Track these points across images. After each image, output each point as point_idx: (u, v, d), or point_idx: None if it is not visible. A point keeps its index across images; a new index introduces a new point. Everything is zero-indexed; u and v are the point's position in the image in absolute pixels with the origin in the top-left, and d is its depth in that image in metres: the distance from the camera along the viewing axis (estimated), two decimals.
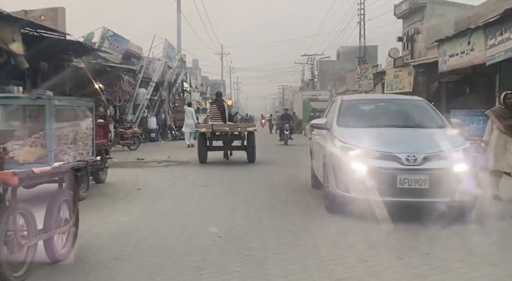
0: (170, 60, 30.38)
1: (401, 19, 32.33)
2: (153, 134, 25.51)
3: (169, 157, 16.11)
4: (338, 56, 61.30)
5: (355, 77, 44.83)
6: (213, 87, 62.83)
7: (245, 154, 14.00)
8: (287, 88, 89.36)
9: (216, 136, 13.74)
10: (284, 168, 12.72)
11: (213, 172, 12.00)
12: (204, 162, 13.65)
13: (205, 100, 50.96)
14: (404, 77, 25.57)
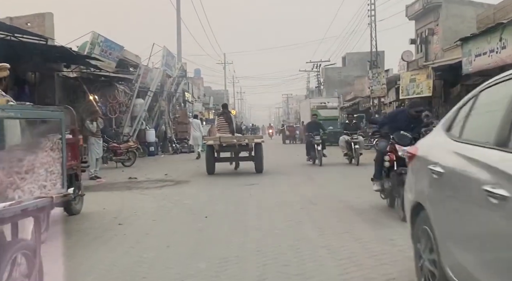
0: (169, 68, 28.50)
1: (413, 20, 30.37)
2: (152, 148, 23.49)
3: (167, 174, 14.08)
4: (344, 63, 59.39)
5: (364, 83, 42.86)
6: (216, 97, 61.00)
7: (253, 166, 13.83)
8: (291, 97, 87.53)
9: (224, 147, 13.65)
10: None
11: (216, 194, 9.94)
12: (212, 173, 13.66)
13: (208, 111, 49.05)
14: (421, 80, 23.53)
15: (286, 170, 14.80)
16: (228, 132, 13.78)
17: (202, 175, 14.12)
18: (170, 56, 28.58)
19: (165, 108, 25.84)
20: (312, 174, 13.58)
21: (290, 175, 13.35)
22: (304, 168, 15.63)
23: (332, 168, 15.40)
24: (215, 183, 12.06)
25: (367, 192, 8.53)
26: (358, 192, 9.31)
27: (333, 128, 31.81)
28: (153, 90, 23.91)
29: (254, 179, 12.71)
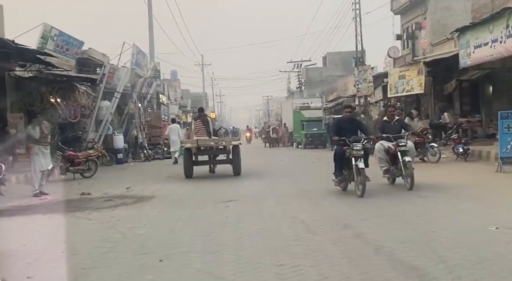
0: (140, 68, 26.05)
1: (399, 14, 28.58)
2: (120, 155, 21.01)
3: (129, 188, 11.73)
4: (325, 63, 57.60)
5: (348, 82, 40.99)
6: (194, 100, 58.55)
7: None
8: (271, 99, 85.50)
9: (201, 151, 13.56)
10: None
11: (182, 218, 7.65)
12: (190, 177, 13.45)
13: (186, 114, 46.61)
14: (412, 76, 21.65)
15: (271, 177, 12.68)
16: (206, 135, 13.73)
17: (171, 188, 11.87)
18: (141, 54, 26.14)
19: (135, 110, 23.37)
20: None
21: (275, 184, 11.22)
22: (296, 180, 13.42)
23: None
24: (185, 199, 9.77)
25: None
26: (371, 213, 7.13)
27: (317, 129, 29.85)
28: (120, 91, 21.46)
29: (233, 191, 10.49)
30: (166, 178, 14.28)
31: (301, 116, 30.53)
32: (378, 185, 9.86)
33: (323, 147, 29.59)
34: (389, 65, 28.40)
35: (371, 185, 8.98)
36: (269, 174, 14.30)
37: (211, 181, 13.49)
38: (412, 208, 7.48)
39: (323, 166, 16.23)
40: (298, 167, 16.35)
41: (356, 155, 8.98)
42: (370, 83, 25.54)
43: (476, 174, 12.00)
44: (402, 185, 9.54)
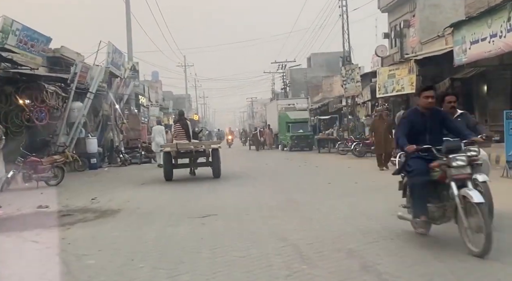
0: (117, 67, 24.52)
1: (386, 12, 27.54)
2: (94, 160, 19.46)
3: (94, 199, 10.28)
4: (309, 64, 56.57)
5: (333, 83, 39.93)
6: (176, 102, 57.00)
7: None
8: (256, 101, 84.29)
9: (181, 154, 13.48)
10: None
11: (148, 239, 6.26)
12: (170, 180, 13.40)
13: (168, 116, 45.02)
14: (402, 75, 20.52)
15: (255, 184, 11.35)
16: (185, 139, 13.73)
17: (143, 197, 10.49)
18: (117, 53, 24.61)
19: (110, 112, 21.80)
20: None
21: (260, 192, 9.89)
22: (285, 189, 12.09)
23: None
24: (156, 212, 8.37)
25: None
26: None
27: (303, 131, 28.61)
28: (94, 91, 19.91)
29: (213, 201, 9.14)
30: (140, 186, 12.87)
31: (287, 117, 29.27)
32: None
33: (309, 150, 28.39)
34: (377, 65, 27.33)
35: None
36: (253, 180, 12.97)
37: (190, 187, 12.15)
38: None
39: (312, 171, 15.02)
40: (285, 172, 15.06)
41: (460, 176, 4.88)
42: (358, 82, 24.40)
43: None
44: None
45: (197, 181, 13.69)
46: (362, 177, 12.43)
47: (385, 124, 14.40)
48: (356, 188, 10.34)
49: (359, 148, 20.01)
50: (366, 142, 20.10)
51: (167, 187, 12.48)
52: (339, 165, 16.68)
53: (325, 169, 15.35)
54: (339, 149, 22.73)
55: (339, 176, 12.95)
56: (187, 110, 61.06)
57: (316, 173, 14.31)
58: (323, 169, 15.22)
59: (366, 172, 13.80)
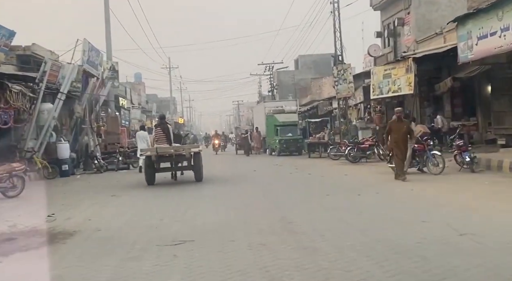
0: (94, 67, 22.75)
1: (378, 10, 26.20)
2: (66, 166, 17.65)
3: (51, 216, 8.56)
4: (297, 66, 55.20)
5: (322, 85, 38.52)
6: (161, 105, 55.22)
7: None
8: (242, 104, 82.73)
9: (162, 158, 13.33)
10: None
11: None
12: (152, 184, 13.14)
13: (151, 119, 43.17)
14: (399, 75, 19.10)
15: (242, 196, 9.71)
16: (166, 143, 13.50)
17: (109, 214, 8.83)
18: (94, 52, 22.84)
19: (81, 114, 19.96)
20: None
21: (248, 208, 8.28)
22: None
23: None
24: (118, 236, 6.69)
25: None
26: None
27: (293, 135, 27.05)
28: (65, 91, 18.11)
29: (191, 220, 7.50)
30: (110, 197, 11.16)
31: (275, 120, 27.70)
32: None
33: (299, 154, 26.85)
34: (369, 65, 25.95)
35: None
36: (239, 190, 11.33)
37: (166, 199, 10.53)
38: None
39: (305, 180, 13.42)
40: (276, 180, 13.45)
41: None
42: (351, 83, 22.96)
43: (502, 190, 9.39)
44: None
45: (177, 190, 12.07)
46: (364, 187, 10.89)
47: (404, 127, 12.00)
48: (361, 202, 8.78)
49: (353, 153, 18.51)
50: (361, 146, 18.64)
51: (139, 199, 10.81)
52: (334, 173, 15.14)
53: (319, 177, 13.78)
54: (330, 154, 21.22)
55: (337, 187, 11.38)
56: (172, 113, 59.26)
57: (310, 182, 12.73)
58: (318, 178, 13.65)
59: (366, 181, 12.27)
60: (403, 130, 11.83)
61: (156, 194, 11.79)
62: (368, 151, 18.63)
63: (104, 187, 13.56)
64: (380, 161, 18.41)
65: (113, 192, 12.05)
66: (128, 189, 12.97)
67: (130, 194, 11.74)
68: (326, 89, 37.62)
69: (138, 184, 13.98)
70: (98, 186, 14.22)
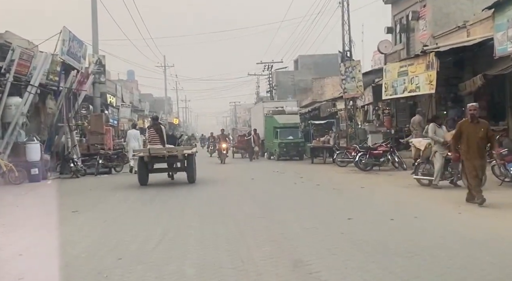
0: (76, 59, 20.25)
1: (389, 4, 23.81)
2: (35, 170, 15.13)
3: None
4: (296, 67, 52.82)
5: (324, 85, 36.15)
6: (154, 104, 52.71)
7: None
8: (239, 105, 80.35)
9: (155, 159, 13.11)
10: None
11: None
12: (145, 185, 12.89)
13: (143, 118, 40.66)
14: (418, 72, 16.70)
15: (237, 216, 7.26)
16: (159, 144, 13.32)
17: (45, 248, 6.30)
18: (76, 42, 20.31)
19: (55, 110, 17.39)
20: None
21: (246, 238, 5.85)
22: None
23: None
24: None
25: None
26: None
27: (294, 137, 24.59)
28: (36, 84, 15.60)
29: (161, 269, 5.03)
30: (69, 215, 8.66)
31: (274, 122, 25.25)
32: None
33: (300, 159, 24.41)
34: (379, 63, 23.55)
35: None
36: (234, 208, 8.86)
37: (141, 215, 8.09)
38: None
39: (314, 193, 10.90)
40: (279, 195, 10.95)
41: None
42: (360, 82, 20.53)
43: None
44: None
45: (160, 202, 9.59)
46: (394, 207, 8.46)
47: (481, 130, 8.57)
48: (400, 232, 6.32)
49: (365, 160, 16.08)
50: (374, 153, 16.22)
51: (106, 216, 8.34)
52: (346, 183, 12.69)
53: (330, 190, 11.32)
54: (337, 160, 18.78)
55: (357, 205, 8.92)
56: (167, 113, 56.75)
57: (321, 197, 10.25)
58: (329, 191, 11.19)
59: (391, 197, 9.84)
60: (479, 135, 8.53)
61: (130, 206, 9.36)
62: (382, 158, 16.20)
63: (70, 197, 11.07)
64: (394, 169, 16.04)
65: (77, 206, 9.54)
66: (99, 200, 10.51)
67: (97, 209, 9.27)
68: (328, 89, 35.28)
69: (113, 193, 11.52)
70: (65, 195, 11.70)
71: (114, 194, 11.33)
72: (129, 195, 11.07)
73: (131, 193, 11.41)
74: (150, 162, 13.07)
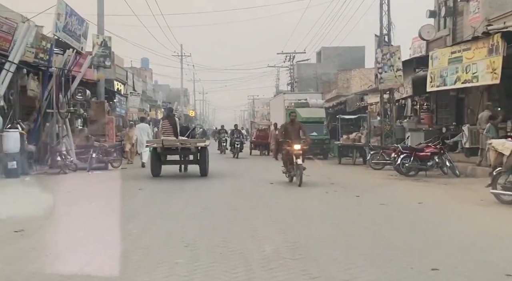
0: (75, 38, 17.63)
1: None
2: (13, 164, 12.50)
3: None
4: (319, 59, 49.62)
5: (350, 78, 33.02)
6: (169, 95, 50.20)
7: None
8: (257, 99, 77.48)
9: (168, 150, 13.16)
10: None
11: None
12: (158, 176, 12.92)
13: (155, 109, 38.08)
14: (476, 59, 13.54)
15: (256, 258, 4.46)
16: (172, 136, 13.39)
17: None
18: (76, 19, 17.69)
19: (37, 92, 14.65)
20: None
21: None
22: None
23: None
24: None
25: None
26: None
27: (318, 134, 21.61)
28: (15, 61, 12.90)
29: None
30: (11, 238, 5.89)
31: (297, 116, 22.25)
32: None
33: (324, 158, 21.46)
34: (419, 51, 20.38)
35: None
36: (249, 244, 6.00)
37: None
38: None
39: (356, 212, 7.76)
40: (310, 211, 8.02)
41: None
42: (399, 71, 17.41)
43: None
44: None
45: (142, 223, 6.74)
46: (489, 239, 5.50)
47: None
48: None
49: (409, 163, 13.07)
50: (420, 155, 13.18)
51: (49, 242, 5.53)
52: (395, 196, 9.70)
53: (377, 205, 8.30)
54: (371, 162, 15.78)
55: (431, 236, 5.92)
56: (183, 105, 54.20)
57: (370, 218, 7.26)
58: (375, 207, 8.18)
59: (473, 221, 6.85)
60: None
61: (91, 232, 6.53)
62: (429, 161, 13.16)
63: (33, 204, 8.32)
64: (443, 175, 13.00)
65: (23, 224, 6.68)
66: (64, 210, 7.74)
67: (41, 229, 6.41)
68: (355, 82, 32.17)
69: (89, 201, 8.75)
70: (32, 200, 8.99)
71: (90, 202, 8.54)
72: (106, 206, 8.25)
73: (112, 201, 8.60)
74: (163, 153, 13.07)
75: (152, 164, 13.12)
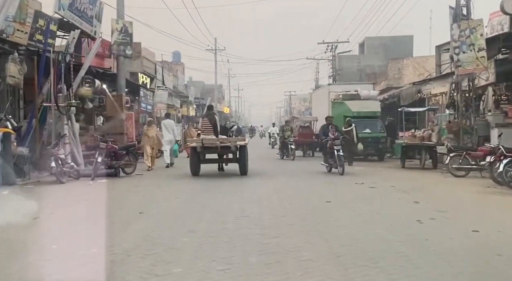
0: (86, 20, 14.78)
1: None
2: None
3: None
4: (362, 50, 45.45)
5: (402, 67, 28.96)
6: (203, 92, 47.44)
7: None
8: (294, 95, 73.88)
9: (207, 149, 12.87)
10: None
11: None
12: (197, 175, 12.68)
13: (187, 105, 35.23)
14: None
15: None
16: (212, 134, 13.09)
17: None
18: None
19: (19, 80, 11.59)
20: None
21: None
22: None
23: None
24: None
25: None
26: None
27: (372, 131, 17.99)
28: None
29: None
30: None
31: (346, 109, 18.66)
32: None
33: (380, 159, 17.88)
34: (500, 29, 16.35)
35: None
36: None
37: None
38: None
39: (469, 253, 4.26)
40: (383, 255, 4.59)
41: None
42: (482, 51, 13.50)
43: None
44: None
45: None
46: None
47: None
48: None
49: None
50: None
51: None
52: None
53: (500, 244, 4.73)
54: (451, 167, 12.03)
55: None
56: (218, 101, 51.43)
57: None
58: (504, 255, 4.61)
59: None
60: None
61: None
62: None
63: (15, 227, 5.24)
64: None
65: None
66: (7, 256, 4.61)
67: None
68: (408, 73, 28.11)
69: (53, 234, 5.62)
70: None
71: (51, 245, 5.35)
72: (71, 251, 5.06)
73: (91, 237, 5.39)
74: (202, 152, 12.86)
75: (192, 163, 12.86)
